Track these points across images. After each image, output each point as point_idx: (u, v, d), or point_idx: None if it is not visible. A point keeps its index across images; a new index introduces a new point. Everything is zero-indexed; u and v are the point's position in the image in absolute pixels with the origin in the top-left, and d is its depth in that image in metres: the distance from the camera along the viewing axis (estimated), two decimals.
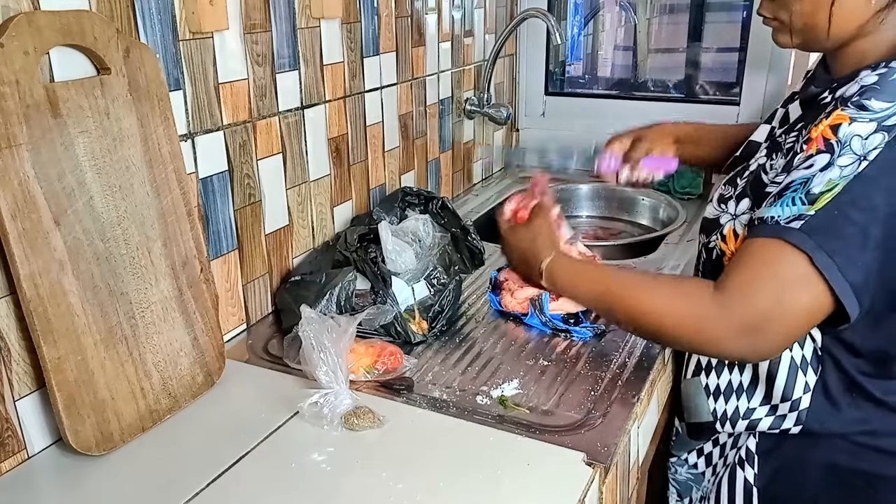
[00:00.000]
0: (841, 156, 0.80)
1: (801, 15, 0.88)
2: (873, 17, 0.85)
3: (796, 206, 0.81)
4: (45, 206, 0.82)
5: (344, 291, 1.15)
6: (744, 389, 1.00)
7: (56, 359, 0.83)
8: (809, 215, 0.79)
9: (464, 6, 1.81)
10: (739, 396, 1.01)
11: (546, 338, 1.18)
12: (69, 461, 0.88)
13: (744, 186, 0.96)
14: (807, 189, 0.81)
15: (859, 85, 0.83)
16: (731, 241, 0.95)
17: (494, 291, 1.26)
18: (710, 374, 1.04)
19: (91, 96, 0.87)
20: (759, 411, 0.99)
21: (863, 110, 0.81)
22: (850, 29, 0.86)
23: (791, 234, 0.80)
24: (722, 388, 1.02)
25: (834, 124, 0.82)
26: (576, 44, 2.38)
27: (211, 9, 1.03)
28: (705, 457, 1.11)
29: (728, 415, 1.02)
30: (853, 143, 0.79)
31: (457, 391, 1.03)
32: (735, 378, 1.01)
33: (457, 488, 0.83)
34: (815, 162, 0.82)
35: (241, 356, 1.13)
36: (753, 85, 1.89)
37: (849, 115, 0.81)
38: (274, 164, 1.22)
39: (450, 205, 1.42)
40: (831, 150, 0.81)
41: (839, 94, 0.85)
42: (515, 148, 2.09)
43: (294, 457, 0.89)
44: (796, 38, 0.91)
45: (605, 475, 0.89)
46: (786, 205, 0.82)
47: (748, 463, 1.01)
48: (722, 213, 0.98)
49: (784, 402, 0.96)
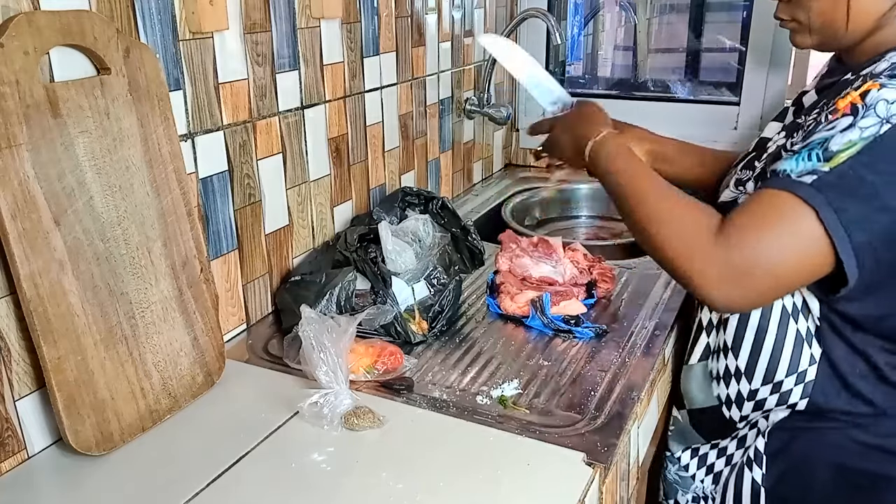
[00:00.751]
0: (864, 117, 0.79)
1: (820, 13, 0.88)
2: (891, 9, 0.85)
3: (811, 161, 0.80)
4: (45, 206, 0.82)
5: (344, 291, 1.15)
6: (742, 373, 1.00)
7: (56, 359, 0.83)
8: (823, 171, 0.79)
9: (464, 6, 1.81)
10: (739, 380, 1.00)
11: (546, 338, 1.18)
12: (69, 461, 0.88)
13: (762, 168, 0.95)
14: (825, 147, 0.80)
15: (889, 62, 0.83)
16: None
17: (492, 295, 1.26)
18: (719, 357, 1.04)
19: (91, 96, 0.87)
20: (762, 391, 0.98)
21: (894, 79, 0.80)
22: (868, 23, 0.86)
23: (801, 188, 0.79)
24: (723, 372, 1.02)
25: (863, 92, 0.81)
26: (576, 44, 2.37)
27: (211, 9, 1.03)
28: (698, 458, 1.11)
29: (732, 398, 1.02)
30: (878, 107, 0.79)
31: (457, 391, 1.03)
32: (731, 363, 1.01)
33: (457, 488, 0.83)
34: (838, 124, 0.81)
35: (241, 356, 1.13)
36: (753, 85, 1.89)
37: (879, 83, 0.80)
38: (274, 164, 1.22)
39: (450, 205, 1.43)
40: (855, 113, 0.80)
41: (867, 71, 0.85)
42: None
43: (294, 457, 0.89)
44: (815, 37, 0.91)
45: (605, 475, 0.89)
46: (802, 159, 0.81)
47: (756, 463, 1.01)
48: (740, 194, 0.97)
49: (790, 376, 0.95)
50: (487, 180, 2.09)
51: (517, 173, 2.16)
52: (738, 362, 1.00)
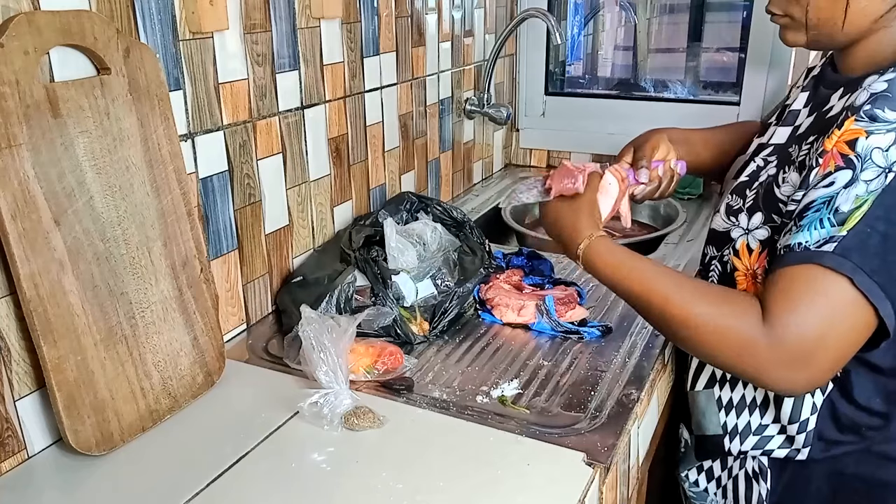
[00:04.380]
0: (864, 170, 0.77)
1: (817, 9, 0.86)
2: (889, 11, 0.84)
3: (825, 228, 0.78)
4: (45, 206, 0.82)
5: (344, 294, 1.15)
6: (757, 405, 0.99)
7: (56, 359, 0.83)
8: (842, 236, 0.77)
9: (464, 6, 1.81)
10: (752, 412, 0.99)
11: (546, 338, 1.18)
12: (69, 461, 0.88)
13: (754, 199, 0.93)
14: (833, 208, 0.78)
15: (868, 93, 0.81)
16: (745, 256, 0.93)
17: (484, 309, 1.25)
18: (724, 386, 1.03)
19: (91, 96, 0.87)
20: (770, 429, 0.98)
21: (876, 121, 0.79)
22: (864, 24, 0.85)
23: (826, 258, 0.77)
24: (735, 402, 1.01)
25: (850, 140, 0.79)
26: (576, 44, 2.37)
27: (211, 9, 1.03)
28: (706, 472, 1.11)
29: (739, 429, 1.01)
30: (874, 156, 0.77)
31: (457, 391, 1.03)
32: (749, 393, 1.00)
33: (457, 488, 0.83)
34: (837, 179, 0.79)
35: (241, 356, 1.13)
36: (753, 85, 1.89)
37: (864, 129, 0.79)
38: (274, 164, 1.22)
39: (476, 231, 1.36)
40: (852, 166, 0.78)
41: (849, 104, 0.84)
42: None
43: (294, 457, 0.89)
44: (809, 35, 0.89)
45: (605, 475, 0.89)
46: (813, 228, 0.79)
47: (762, 477, 1.01)
48: (733, 226, 0.96)
49: (792, 424, 0.95)
50: (487, 180, 2.09)
51: (517, 173, 2.16)
52: (745, 392, 1.00)
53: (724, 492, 1.08)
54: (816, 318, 0.78)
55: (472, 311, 1.26)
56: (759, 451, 1.00)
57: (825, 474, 0.96)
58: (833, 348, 0.79)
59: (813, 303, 0.78)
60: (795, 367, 0.79)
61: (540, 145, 2.19)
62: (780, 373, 0.80)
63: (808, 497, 0.98)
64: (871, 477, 0.94)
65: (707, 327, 0.83)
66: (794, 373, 0.80)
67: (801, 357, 0.79)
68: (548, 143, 2.18)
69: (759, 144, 1.01)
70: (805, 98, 0.97)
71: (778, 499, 1.01)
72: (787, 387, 0.83)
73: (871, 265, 0.76)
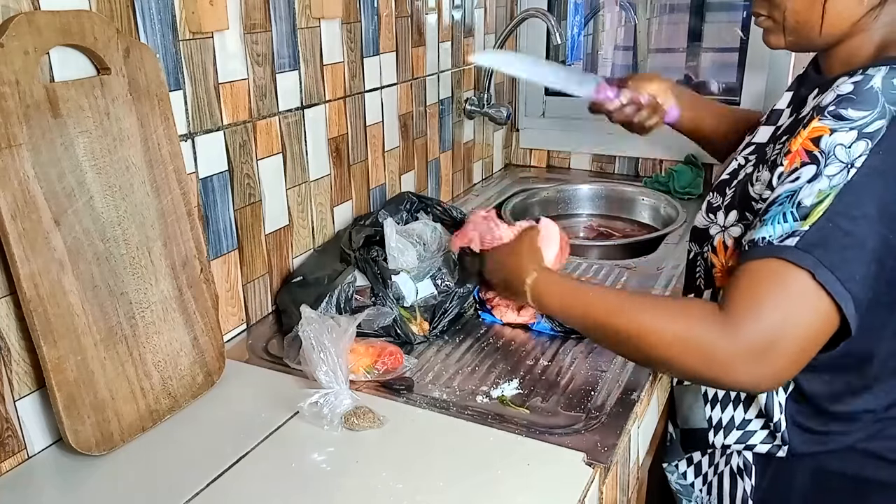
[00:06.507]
0: (828, 165, 0.78)
1: (794, 13, 0.87)
2: (865, 15, 0.85)
3: (787, 222, 0.78)
4: (45, 206, 0.82)
5: (344, 294, 1.15)
6: (741, 400, 1.00)
7: (56, 359, 0.83)
8: (804, 231, 0.77)
9: (464, 6, 1.81)
10: (736, 407, 1.00)
11: (546, 338, 1.18)
12: (69, 461, 0.88)
13: (732, 196, 0.95)
14: (796, 202, 0.79)
15: (835, 94, 0.82)
16: (721, 253, 0.94)
17: (484, 309, 1.25)
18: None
19: (91, 96, 0.87)
20: (753, 423, 0.98)
21: (840, 120, 0.79)
22: (842, 27, 0.86)
23: (789, 252, 0.77)
24: (720, 396, 1.02)
25: (814, 137, 0.80)
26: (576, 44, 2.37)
27: (211, 9, 1.03)
28: (694, 466, 1.11)
29: (723, 423, 1.01)
30: (837, 152, 0.78)
31: (457, 391, 1.03)
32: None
33: (457, 488, 0.83)
34: (801, 174, 0.80)
35: (241, 356, 1.13)
36: (753, 85, 1.89)
37: (828, 127, 0.80)
38: (274, 164, 1.22)
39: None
40: (816, 162, 0.79)
41: (815, 104, 0.85)
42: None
43: (294, 457, 0.89)
44: (788, 38, 0.90)
45: (605, 475, 0.89)
46: (777, 222, 0.79)
47: (746, 474, 1.01)
48: (711, 223, 0.97)
49: (771, 420, 0.96)
50: (487, 180, 2.09)
51: (517, 173, 2.16)
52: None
53: (710, 488, 1.09)
54: (774, 310, 0.77)
55: (472, 311, 1.26)
56: (742, 446, 1.00)
57: (809, 471, 0.97)
58: (793, 340, 0.78)
59: (771, 295, 0.78)
60: (758, 362, 0.78)
61: (540, 145, 2.19)
62: (744, 368, 0.79)
63: (792, 494, 0.99)
64: (856, 474, 0.94)
65: (667, 338, 0.82)
66: (758, 367, 0.79)
67: (762, 350, 0.78)
68: (548, 143, 2.18)
69: (746, 143, 1.03)
70: (789, 98, 0.99)
71: (762, 495, 1.01)
72: (753, 381, 0.82)
73: (832, 260, 0.76)
